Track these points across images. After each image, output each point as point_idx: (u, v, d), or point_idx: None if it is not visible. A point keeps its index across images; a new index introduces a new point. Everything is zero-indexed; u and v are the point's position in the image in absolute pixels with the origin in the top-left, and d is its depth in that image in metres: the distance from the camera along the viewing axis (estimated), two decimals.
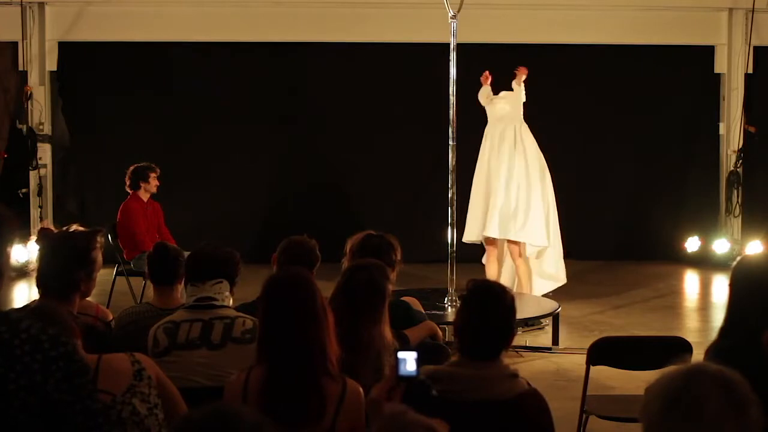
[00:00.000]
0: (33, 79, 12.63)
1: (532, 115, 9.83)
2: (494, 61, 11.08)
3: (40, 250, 4.76)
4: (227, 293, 4.56)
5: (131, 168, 9.90)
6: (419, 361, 2.85)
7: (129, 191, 9.83)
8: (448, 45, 8.69)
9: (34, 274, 4.65)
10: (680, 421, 2.27)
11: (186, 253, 5.17)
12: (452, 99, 8.72)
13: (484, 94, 9.68)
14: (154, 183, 9.84)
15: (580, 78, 12.78)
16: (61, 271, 4.46)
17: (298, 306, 3.55)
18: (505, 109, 9.65)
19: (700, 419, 2.26)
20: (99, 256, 4.58)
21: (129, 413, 3.46)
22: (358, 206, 12.46)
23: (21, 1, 12.26)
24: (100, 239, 4.62)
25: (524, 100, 9.69)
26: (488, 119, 9.73)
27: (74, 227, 4.79)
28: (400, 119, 12.57)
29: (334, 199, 12.80)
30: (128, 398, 3.48)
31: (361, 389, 3.54)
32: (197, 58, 12.67)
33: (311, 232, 5.33)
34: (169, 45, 12.63)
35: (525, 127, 9.71)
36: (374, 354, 4.16)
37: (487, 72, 9.59)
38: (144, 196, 9.82)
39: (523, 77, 9.62)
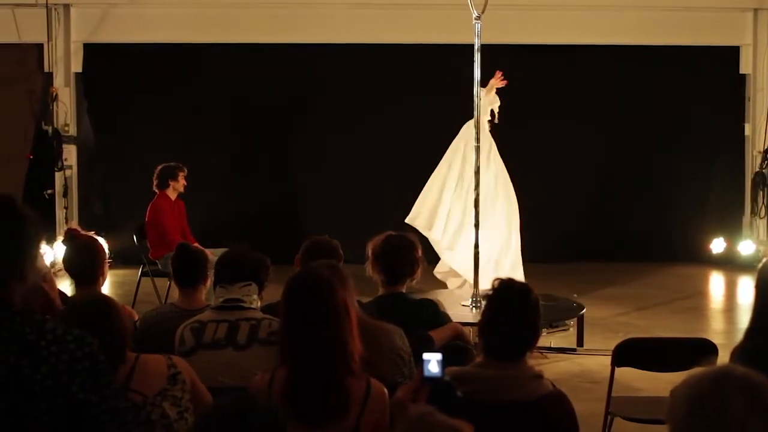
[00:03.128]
0: (58, 81, 12.68)
1: (554, 115, 9.77)
2: (519, 62, 11.07)
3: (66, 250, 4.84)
4: (255, 296, 4.58)
5: (160, 167, 9.90)
6: (444, 363, 2.85)
7: (156, 190, 9.83)
8: (472, 46, 8.68)
9: (61, 275, 4.73)
10: (706, 423, 2.26)
11: (209, 252, 5.20)
12: (476, 100, 8.70)
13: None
14: (182, 182, 9.84)
15: (605, 79, 12.72)
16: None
17: (318, 305, 3.51)
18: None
19: (726, 422, 2.25)
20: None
21: (158, 416, 3.47)
22: (379, 206, 12.42)
23: (46, 3, 12.31)
24: None
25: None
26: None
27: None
28: (423, 120, 12.53)
29: (355, 199, 12.78)
30: (159, 401, 3.49)
31: (385, 389, 3.52)
32: (222, 59, 12.69)
33: (332, 233, 5.33)
34: (194, 46, 12.65)
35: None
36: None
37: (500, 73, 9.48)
38: (172, 195, 9.82)
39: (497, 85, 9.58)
